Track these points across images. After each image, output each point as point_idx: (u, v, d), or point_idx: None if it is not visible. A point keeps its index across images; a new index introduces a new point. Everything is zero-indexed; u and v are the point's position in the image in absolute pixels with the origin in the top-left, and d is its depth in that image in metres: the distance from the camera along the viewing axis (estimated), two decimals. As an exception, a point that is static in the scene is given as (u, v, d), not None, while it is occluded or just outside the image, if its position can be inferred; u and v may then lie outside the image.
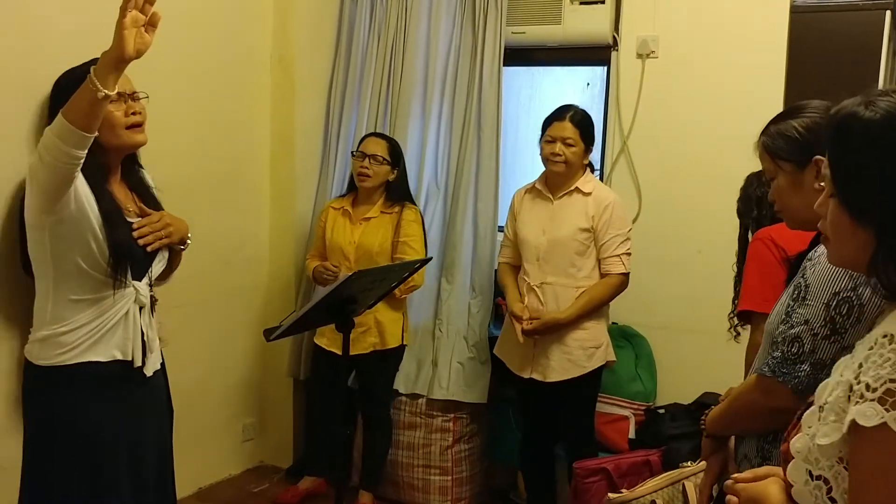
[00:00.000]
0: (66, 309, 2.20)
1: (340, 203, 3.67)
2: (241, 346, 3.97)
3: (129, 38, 1.87)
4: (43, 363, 2.21)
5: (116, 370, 2.26)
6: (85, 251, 2.15)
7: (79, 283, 2.18)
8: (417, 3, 3.87)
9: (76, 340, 2.20)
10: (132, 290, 2.26)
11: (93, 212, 2.14)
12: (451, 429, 3.82)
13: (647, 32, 3.65)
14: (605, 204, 3.24)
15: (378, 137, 3.62)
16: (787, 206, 1.83)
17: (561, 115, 3.26)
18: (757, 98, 3.37)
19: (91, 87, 1.89)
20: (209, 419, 3.82)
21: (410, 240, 3.53)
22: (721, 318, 3.52)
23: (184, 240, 2.43)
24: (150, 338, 2.34)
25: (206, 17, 3.51)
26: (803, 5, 3.40)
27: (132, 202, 2.34)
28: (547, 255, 3.27)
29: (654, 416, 3.52)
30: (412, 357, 3.88)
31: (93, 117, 1.94)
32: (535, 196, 3.38)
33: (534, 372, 3.31)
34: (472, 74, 3.81)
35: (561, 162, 3.22)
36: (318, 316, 2.68)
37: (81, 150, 1.97)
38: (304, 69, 3.94)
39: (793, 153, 1.78)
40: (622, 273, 3.25)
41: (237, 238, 3.87)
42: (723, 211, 3.45)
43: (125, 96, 2.23)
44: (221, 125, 3.68)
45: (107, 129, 2.17)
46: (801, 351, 1.65)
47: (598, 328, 3.29)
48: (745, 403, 1.81)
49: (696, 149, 3.60)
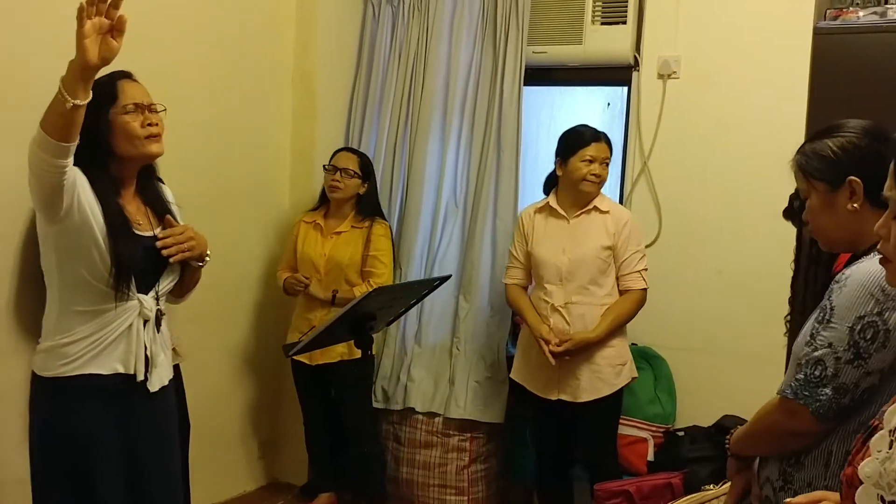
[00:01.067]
0: (71, 320, 2.18)
1: (312, 217, 3.72)
2: (258, 361, 3.97)
3: (91, 46, 1.83)
4: (46, 374, 2.20)
5: (118, 383, 2.23)
6: (88, 263, 2.14)
7: (83, 294, 2.17)
8: (439, 21, 3.89)
9: (78, 352, 2.18)
10: (136, 303, 2.23)
11: (97, 223, 2.12)
12: (467, 448, 3.80)
13: (669, 53, 3.65)
14: (623, 221, 3.26)
15: (349, 152, 3.71)
16: (819, 225, 1.80)
17: (598, 135, 3.27)
18: (779, 120, 3.36)
19: (60, 98, 1.86)
20: (225, 435, 3.82)
21: (380, 254, 3.60)
22: (742, 339, 3.51)
23: (202, 256, 2.38)
24: (154, 352, 2.29)
25: (229, 34, 3.54)
26: (826, 27, 3.39)
27: (144, 216, 2.31)
28: (570, 275, 3.25)
29: (673, 438, 3.48)
30: (429, 375, 3.88)
31: (66, 127, 1.90)
32: (548, 215, 3.36)
33: (561, 393, 3.26)
34: (492, 93, 3.82)
35: (598, 182, 3.24)
36: (337, 332, 2.68)
37: (62, 158, 1.94)
38: (325, 86, 3.96)
39: (826, 173, 1.74)
40: (643, 289, 3.26)
41: (257, 254, 3.88)
42: (744, 232, 3.44)
43: (143, 107, 2.22)
44: (243, 141, 3.71)
45: (124, 139, 2.17)
46: (824, 374, 1.63)
47: (622, 345, 3.29)
48: (767, 424, 1.80)
49: (716, 170, 3.58)
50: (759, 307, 3.21)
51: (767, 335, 2.65)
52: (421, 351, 3.93)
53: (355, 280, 3.58)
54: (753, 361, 3.30)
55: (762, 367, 2.54)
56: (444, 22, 3.89)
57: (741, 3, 3.52)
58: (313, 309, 3.59)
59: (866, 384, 1.62)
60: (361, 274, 3.60)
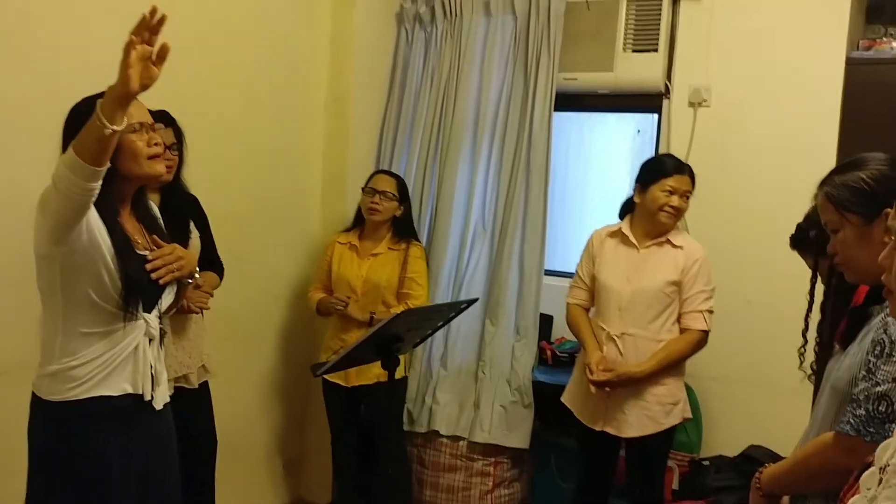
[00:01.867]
0: (77, 342, 2.14)
1: (347, 238, 3.71)
2: (286, 380, 4.00)
3: (135, 75, 1.84)
4: (53, 398, 2.15)
5: (127, 404, 2.20)
6: (96, 283, 2.10)
7: (90, 315, 2.13)
8: (471, 47, 3.93)
9: (87, 374, 2.14)
10: (143, 322, 2.22)
11: (105, 244, 2.09)
12: (491, 473, 3.79)
13: (700, 81, 3.66)
14: (695, 258, 3.13)
15: (387, 175, 3.71)
16: (852, 258, 1.77)
17: (681, 167, 3.15)
18: (810, 149, 3.35)
19: (98, 124, 1.85)
20: (251, 453, 3.84)
21: (417, 276, 3.60)
22: (769, 369, 3.48)
23: (192, 274, 2.36)
24: (158, 371, 2.28)
25: (265, 58, 3.60)
26: (859, 57, 3.39)
27: (140, 234, 2.29)
28: (630, 305, 3.14)
29: (699, 467, 3.46)
30: (454, 398, 3.88)
31: (101, 152, 1.90)
32: (619, 241, 3.25)
33: (607, 425, 3.16)
34: (522, 118, 3.84)
35: (675, 215, 3.13)
36: (364, 353, 2.69)
37: (94, 182, 1.93)
38: (357, 109, 4.01)
39: (861, 205, 1.72)
40: (703, 330, 3.11)
41: (287, 273, 3.92)
42: (773, 261, 3.42)
43: (146, 126, 2.19)
44: (276, 163, 3.76)
45: (129, 158, 2.14)
46: (890, 409, 1.59)
47: (676, 384, 3.16)
48: (820, 462, 1.75)
49: (746, 198, 3.57)
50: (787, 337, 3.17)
51: (794, 366, 2.63)
52: (447, 374, 3.94)
53: (392, 302, 3.58)
54: (780, 392, 3.26)
55: (789, 397, 2.52)
56: (476, 47, 3.93)
57: (773, 33, 3.52)
58: (349, 330, 3.58)
59: None
60: (398, 296, 3.59)
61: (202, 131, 3.03)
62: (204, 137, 3.06)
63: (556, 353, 3.95)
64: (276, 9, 3.65)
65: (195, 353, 2.96)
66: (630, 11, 3.73)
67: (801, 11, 3.47)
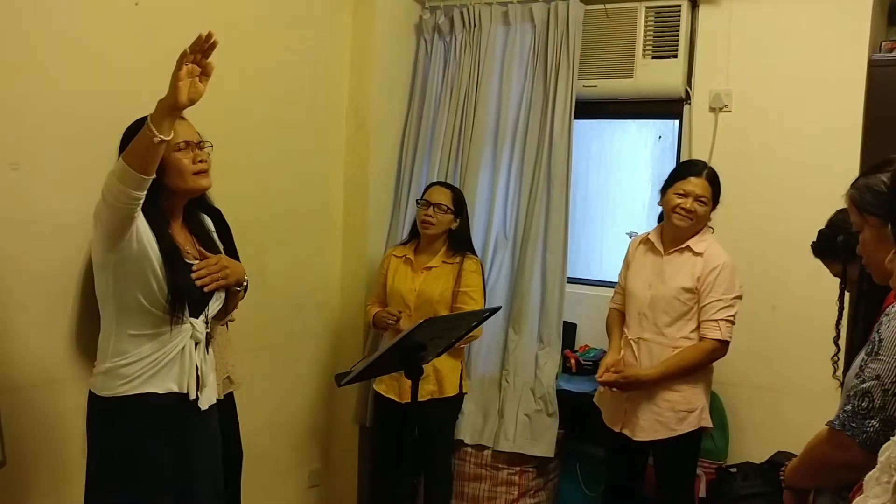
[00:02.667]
0: (127, 343, 2.31)
1: (403, 251, 3.70)
2: (310, 391, 4.01)
3: (184, 89, 2.03)
4: (105, 394, 2.32)
5: (172, 402, 2.36)
6: (145, 289, 2.26)
7: (139, 319, 2.30)
8: (490, 56, 3.94)
9: (136, 372, 2.30)
10: (189, 326, 2.37)
11: (153, 252, 2.25)
12: (516, 482, 3.79)
13: (721, 86, 3.65)
14: (713, 266, 3.11)
15: (443, 186, 3.67)
16: (873, 260, 1.79)
17: (697, 170, 3.16)
18: (833, 153, 3.33)
19: (148, 133, 2.02)
20: (276, 463, 3.85)
21: (471, 290, 3.55)
22: (795, 375, 3.46)
23: (240, 282, 2.53)
24: (205, 372, 2.44)
25: (286, 72, 3.63)
26: (882, 59, 3.36)
27: (191, 245, 2.45)
28: (649, 311, 3.18)
29: (725, 474, 3.43)
30: (478, 408, 3.88)
31: (149, 161, 2.07)
32: (647, 248, 3.29)
33: (624, 427, 3.21)
34: (542, 127, 3.84)
35: (690, 217, 3.13)
36: (388, 362, 2.71)
37: (140, 191, 2.09)
38: (378, 121, 4.03)
39: (879, 207, 1.74)
40: (718, 339, 3.09)
41: (310, 284, 3.94)
42: (798, 267, 3.39)
43: (192, 145, 2.36)
44: (298, 174, 3.78)
45: (175, 174, 2.32)
46: (871, 406, 1.63)
47: (693, 392, 3.14)
48: (818, 456, 1.81)
49: (770, 203, 3.55)
50: (812, 343, 3.15)
51: (821, 371, 2.61)
52: (470, 383, 3.93)
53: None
54: (807, 398, 3.24)
55: (816, 403, 2.50)
56: (495, 56, 3.94)
57: (793, 36, 3.51)
58: None
59: None
60: (451, 310, 3.53)
61: (225, 144, 3.04)
62: (227, 150, 3.08)
63: (579, 362, 3.94)
64: (297, 22, 3.67)
65: (220, 364, 2.98)
66: (649, 18, 3.73)
67: (821, 14, 3.45)
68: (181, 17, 2.91)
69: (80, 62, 2.68)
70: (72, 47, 2.65)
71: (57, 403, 2.67)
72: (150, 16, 2.87)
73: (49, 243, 2.60)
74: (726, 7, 3.64)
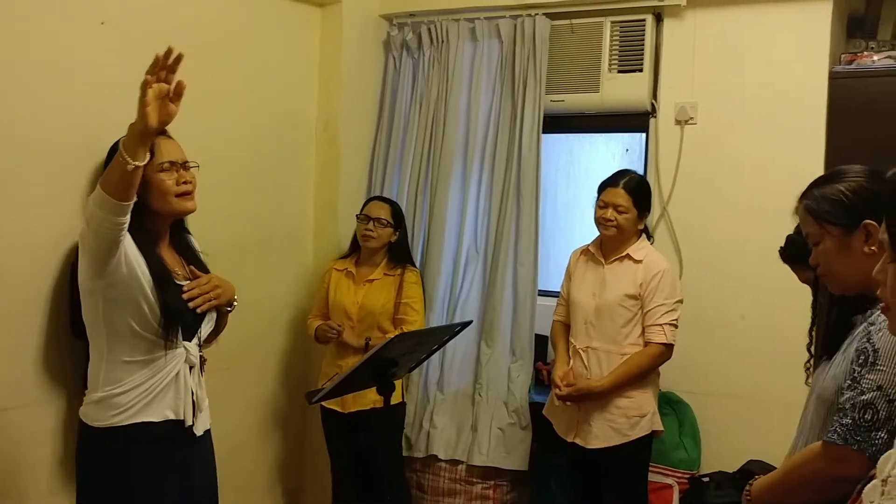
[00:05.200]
0: (120, 370, 2.23)
1: (344, 264, 3.73)
2: (283, 409, 3.98)
3: (152, 113, 1.93)
4: (98, 424, 2.24)
5: (169, 430, 2.29)
6: (137, 314, 2.20)
7: (131, 344, 2.23)
8: (458, 72, 3.96)
9: (130, 401, 2.23)
10: (183, 350, 2.31)
11: (143, 275, 2.19)
12: (490, 496, 3.78)
13: (686, 99, 3.69)
14: (654, 272, 3.19)
15: (382, 201, 3.72)
16: (834, 270, 1.81)
17: (615, 181, 3.25)
18: (797, 164, 3.37)
19: (121, 160, 1.94)
20: (250, 483, 3.81)
21: (412, 301, 3.60)
22: (766, 383, 3.49)
23: (231, 301, 2.48)
24: (200, 397, 2.37)
25: (255, 89, 3.62)
26: (842, 71, 3.43)
27: (180, 266, 2.40)
28: (594, 320, 3.25)
29: (699, 484, 3.43)
30: (452, 422, 3.87)
31: (125, 187, 1.99)
32: (588, 259, 3.37)
33: (577, 437, 3.27)
34: (511, 141, 3.87)
35: (612, 227, 3.21)
36: (359, 378, 2.69)
37: (122, 216, 2.02)
38: (347, 136, 4.03)
39: (840, 217, 1.76)
40: (663, 343, 3.17)
41: (282, 301, 3.92)
42: (766, 276, 3.44)
43: (177, 165, 2.31)
44: (268, 190, 3.77)
45: (159, 196, 2.26)
46: (876, 418, 1.61)
47: (643, 397, 3.22)
48: (809, 473, 1.77)
49: (737, 213, 3.59)
50: (782, 351, 3.19)
51: (790, 379, 2.64)
52: (443, 397, 3.93)
53: (388, 327, 3.57)
54: (778, 406, 3.26)
55: (787, 411, 2.52)
56: (463, 72, 3.96)
57: (756, 49, 3.56)
58: (345, 356, 3.57)
59: None
60: (394, 321, 3.59)
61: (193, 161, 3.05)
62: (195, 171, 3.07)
63: (551, 374, 3.94)
64: (264, 38, 3.67)
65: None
66: (614, 32, 3.77)
67: (783, 28, 3.51)
68: (148, 35, 2.89)
69: (49, 81, 2.67)
70: (40, 67, 2.63)
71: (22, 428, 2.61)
72: (117, 35, 2.86)
73: (19, 263, 2.56)
74: (690, 21, 3.68)
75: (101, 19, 2.82)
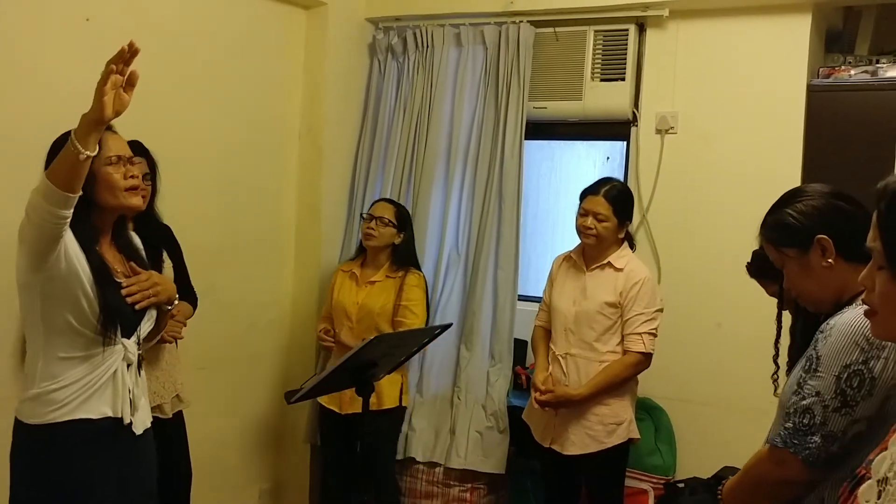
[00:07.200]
0: (57, 366, 2.19)
1: (350, 266, 3.76)
2: (261, 409, 3.99)
3: (109, 102, 1.92)
4: (34, 422, 2.19)
5: (107, 427, 2.24)
6: (75, 309, 2.16)
7: (69, 340, 2.18)
8: (442, 77, 3.98)
9: (67, 397, 2.18)
10: (121, 347, 2.26)
11: (83, 271, 2.14)
12: (468, 499, 3.79)
13: (667, 109, 3.73)
14: (634, 280, 3.19)
15: (387, 202, 3.74)
16: (802, 290, 1.87)
17: (596, 189, 3.24)
18: (775, 174, 3.41)
19: (72, 150, 1.92)
20: (226, 482, 3.81)
21: (412, 304, 3.60)
22: (741, 391, 3.52)
23: (171, 300, 2.41)
24: (136, 395, 2.32)
25: (239, 90, 3.63)
26: (819, 84, 3.48)
27: (121, 263, 2.34)
28: (574, 327, 3.25)
29: (674, 489, 3.47)
30: (430, 425, 3.88)
31: (74, 177, 1.96)
32: (570, 265, 3.37)
33: (554, 443, 3.28)
34: (494, 147, 3.89)
35: (592, 235, 3.21)
36: (338, 379, 2.70)
37: (66, 209, 1.99)
38: (331, 139, 4.04)
39: (793, 239, 1.83)
40: (641, 352, 3.18)
41: (262, 301, 3.93)
42: (743, 285, 3.46)
43: (124, 160, 2.25)
44: (250, 192, 3.78)
45: (106, 190, 2.20)
46: (813, 423, 1.67)
47: (620, 404, 3.22)
48: (758, 475, 1.82)
49: (715, 223, 3.63)
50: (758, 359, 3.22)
51: (765, 388, 2.66)
52: (422, 400, 3.94)
53: (386, 329, 3.56)
54: (752, 413, 3.28)
55: (761, 418, 2.54)
56: (447, 77, 3.99)
57: (737, 61, 3.60)
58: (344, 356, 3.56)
59: (854, 431, 1.65)
60: (392, 323, 3.58)
61: (176, 162, 3.05)
62: (178, 168, 3.07)
63: (530, 378, 3.97)
64: (248, 40, 3.68)
65: (168, 382, 2.96)
66: (597, 41, 3.80)
67: (763, 40, 3.55)
68: (132, 33, 2.84)
69: (33, 77, 2.66)
70: (23, 62, 2.63)
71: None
72: (102, 32, 2.86)
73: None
74: (672, 32, 3.72)
75: (86, 16, 2.82)
